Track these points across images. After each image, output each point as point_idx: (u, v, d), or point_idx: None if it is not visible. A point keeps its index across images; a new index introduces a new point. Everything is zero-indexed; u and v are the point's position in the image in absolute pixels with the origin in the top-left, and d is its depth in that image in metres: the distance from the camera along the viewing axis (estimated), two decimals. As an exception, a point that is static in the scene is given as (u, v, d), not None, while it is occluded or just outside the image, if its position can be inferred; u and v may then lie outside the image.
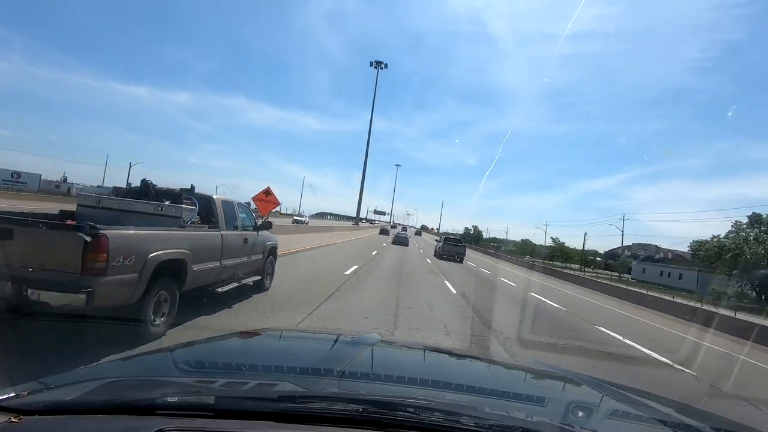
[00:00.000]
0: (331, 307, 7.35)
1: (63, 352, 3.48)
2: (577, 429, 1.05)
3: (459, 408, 1.08)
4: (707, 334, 11.18)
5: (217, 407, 0.92)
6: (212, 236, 5.57)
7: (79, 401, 0.92)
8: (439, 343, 5.96)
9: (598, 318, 11.79)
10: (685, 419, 1.47)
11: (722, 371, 7.34)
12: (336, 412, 0.95)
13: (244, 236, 6.51)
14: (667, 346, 8.97)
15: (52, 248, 3.55)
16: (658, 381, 5.87)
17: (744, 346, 10.34)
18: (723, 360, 8.62)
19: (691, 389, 5.80)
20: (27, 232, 3.55)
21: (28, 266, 3.46)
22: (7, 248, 3.43)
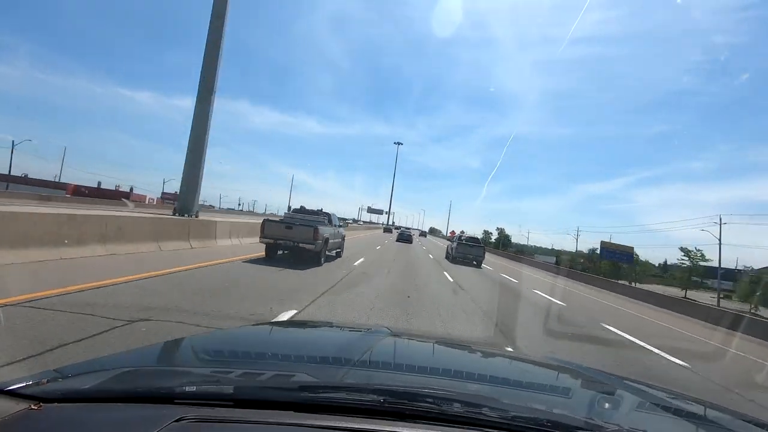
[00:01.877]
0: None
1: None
2: (601, 422, 1.03)
3: (480, 399, 1.07)
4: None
5: (237, 396, 0.92)
6: (331, 229, 13.58)
7: (97, 389, 0.93)
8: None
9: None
10: (711, 416, 1.46)
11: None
12: (356, 403, 0.94)
13: (337, 230, 14.63)
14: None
15: (303, 231, 11.59)
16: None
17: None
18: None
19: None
20: (295, 226, 11.68)
21: (297, 237, 11.53)
22: (290, 231, 11.57)
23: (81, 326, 4.01)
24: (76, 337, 3.71)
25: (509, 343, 6.35)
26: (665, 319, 14.56)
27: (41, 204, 22.80)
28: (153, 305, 5.18)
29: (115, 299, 5.22)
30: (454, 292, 11.38)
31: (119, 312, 4.64)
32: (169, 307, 5.25)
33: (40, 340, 3.51)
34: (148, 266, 7.71)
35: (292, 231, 11.55)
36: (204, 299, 6.03)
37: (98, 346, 3.56)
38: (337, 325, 3.30)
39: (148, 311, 4.88)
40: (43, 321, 4.01)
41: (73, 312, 4.39)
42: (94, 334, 3.84)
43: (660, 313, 16.33)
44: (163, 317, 4.77)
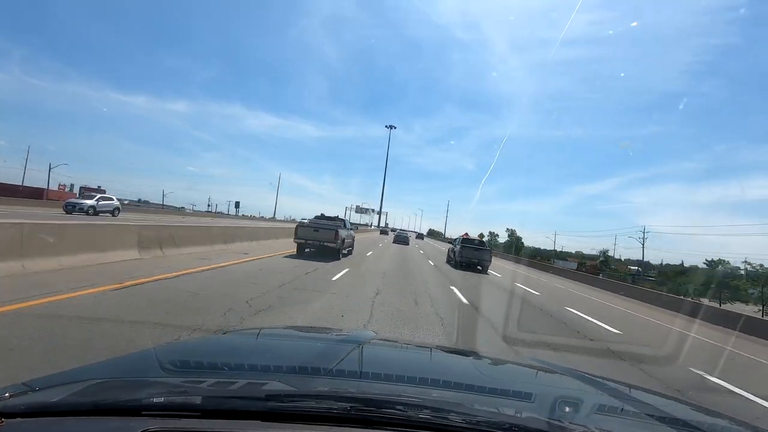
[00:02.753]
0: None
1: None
2: (566, 423, 1.05)
3: (447, 405, 1.08)
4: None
5: (204, 407, 0.91)
6: (346, 231, 17.32)
7: (63, 403, 0.91)
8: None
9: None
10: (672, 412, 1.49)
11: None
12: (324, 411, 0.94)
13: (350, 232, 18.44)
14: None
15: (327, 233, 15.33)
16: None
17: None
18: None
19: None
20: (320, 229, 15.45)
21: (322, 238, 15.27)
22: (317, 233, 15.32)
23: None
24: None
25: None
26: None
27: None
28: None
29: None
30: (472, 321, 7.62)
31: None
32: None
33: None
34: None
35: (318, 233, 15.31)
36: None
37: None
38: (318, 331, 3.19)
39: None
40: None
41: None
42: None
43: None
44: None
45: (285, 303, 6.91)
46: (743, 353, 9.21)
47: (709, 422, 1.45)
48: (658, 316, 13.92)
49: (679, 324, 12.33)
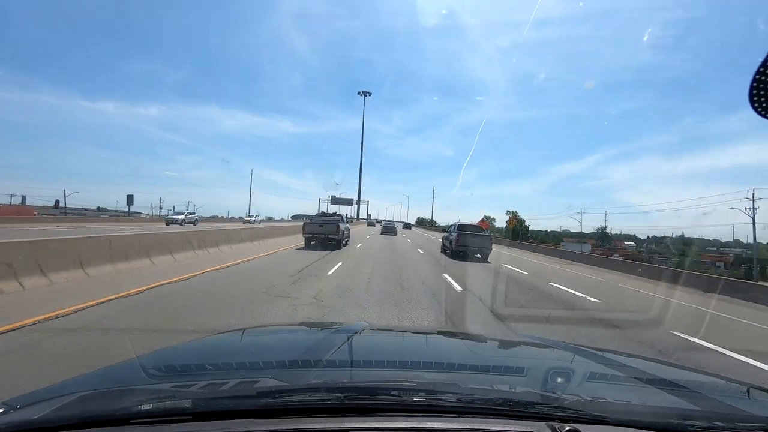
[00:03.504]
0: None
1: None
2: (558, 394, 1.06)
3: (441, 386, 1.09)
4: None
5: (194, 410, 0.90)
6: (344, 225, 20.74)
7: (48, 419, 0.89)
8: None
9: None
10: (658, 374, 1.54)
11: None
12: (317, 403, 0.95)
13: (347, 226, 21.84)
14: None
15: (330, 227, 18.72)
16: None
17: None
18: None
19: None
20: (324, 224, 18.88)
21: (326, 232, 18.68)
22: (321, 228, 18.71)
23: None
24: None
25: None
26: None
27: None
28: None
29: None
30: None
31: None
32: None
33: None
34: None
35: (322, 228, 18.66)
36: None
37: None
38: (313, 323, 3.21)
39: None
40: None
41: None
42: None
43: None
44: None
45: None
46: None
47: (693, 380, 1.50)
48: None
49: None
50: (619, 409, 1.03)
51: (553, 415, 0.94)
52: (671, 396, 1.31)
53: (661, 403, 1.20)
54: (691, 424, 0.96)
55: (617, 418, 0.95)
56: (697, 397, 1.30)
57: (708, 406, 1.21)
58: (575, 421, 0.92)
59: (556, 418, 0.92)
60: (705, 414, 1.09)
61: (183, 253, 11.94)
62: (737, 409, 1.19)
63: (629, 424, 0.94)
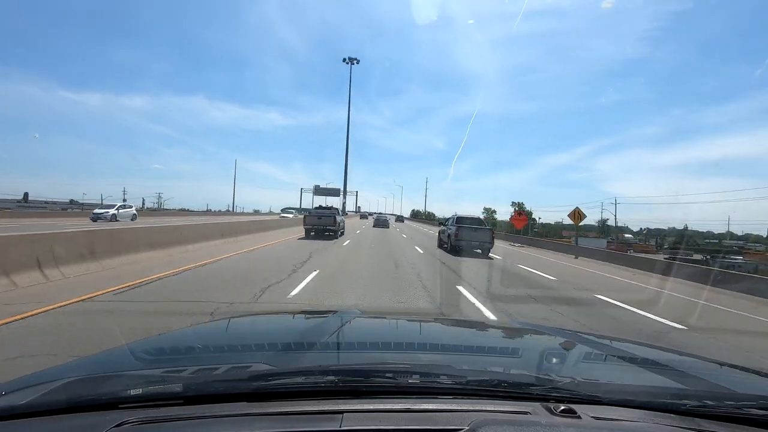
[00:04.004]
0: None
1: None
2: (553, 375, 1.07)
3: (436, 368, 1.09)
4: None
5: (185, 394, 0.90)
6: (340, 217, 22.59)
7: (35, 403, 0.89)
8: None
9: None
10: (651, 356, 1.58)
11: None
12: (311, 386, 0.94)
13: (342, 218, 23.81)
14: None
15: (327, 219, 20.68)
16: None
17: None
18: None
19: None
20: (323, 217, 20.82)
21: (324, 223, 20.55)
22: (320, 220, 20.64)
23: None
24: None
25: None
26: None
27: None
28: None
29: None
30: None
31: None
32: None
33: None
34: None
35: (321, 220, 20.51)
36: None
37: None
38: (305, 310, 3.29)
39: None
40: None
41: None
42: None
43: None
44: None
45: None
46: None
47: (684, 362, 1.54)
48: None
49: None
50: (614, 389, 1.04)
51: (548, 396, 0.94)
52: (663, 377, 1.33)
53: (653, 383, 1.23)
54: (683, 403, 0.95)
55: (611, 398, 0.95)
56: (688, 377, 1.32)
57: (698, 386, 1.22)
58: (570, 401, 0.92)
59: (551, 399, 0.92)
60: (696, 393, 1.10)
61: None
62: (725, 389, 1.20)
63: (623, 403, 0.94)
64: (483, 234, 17.29)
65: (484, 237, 17.22)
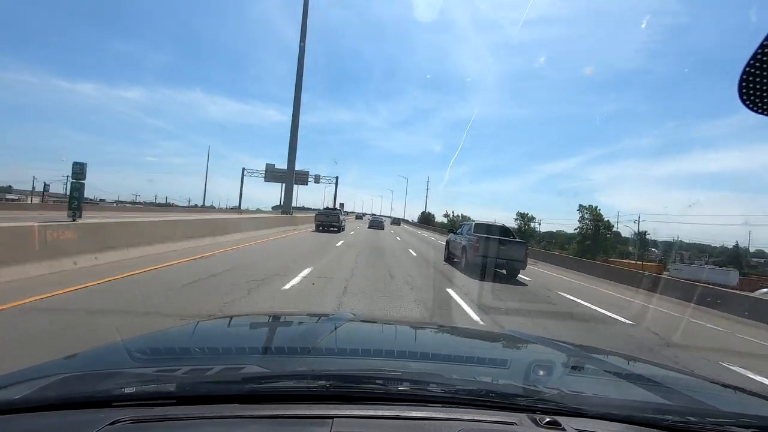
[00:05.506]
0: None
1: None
2: (540, 387, 1.08)
3: (426, 377, 1.12)
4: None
5: (178, 394, 0.91)
6: (342, 215, 29.17)
7: (26, 400, 0.89)
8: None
9: None
10: (636, 370, 1.61)
11: None
12: (302, 390, 0.96)
13: (344, 217, 30.33)
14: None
15: (333, 218, 26.94)
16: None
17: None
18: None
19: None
20: (330, 215, 27.29)
21: (330, 220, 26.71)
22: (328, 218, 26.88)
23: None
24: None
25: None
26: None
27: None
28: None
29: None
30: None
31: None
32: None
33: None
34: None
35: (328, 218, 26.54)
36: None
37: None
38: (298, 314, 3.33)
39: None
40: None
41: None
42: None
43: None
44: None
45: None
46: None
47: (668, 377, 1.57)
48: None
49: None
50: (598, 402, 1.06)
51: (534, 407, 0.95)
52: (647, 391, 1.36)
53: (638, 398, 1.25)
54: (665, 419, 0.97)
55: (596, 411, 0.96)
56: (672, 393, 1.35)
57: (682, 402, 1.25)
58: (555, 413, 0.93)
59: (537, 410, 0.94)
60: (679, 409, 1.12)
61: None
62: (708, 406, 1.22)
63: (607, 417, 0.95)
64: (514, 250, 12.65)
65: (514, 253, 12.59)
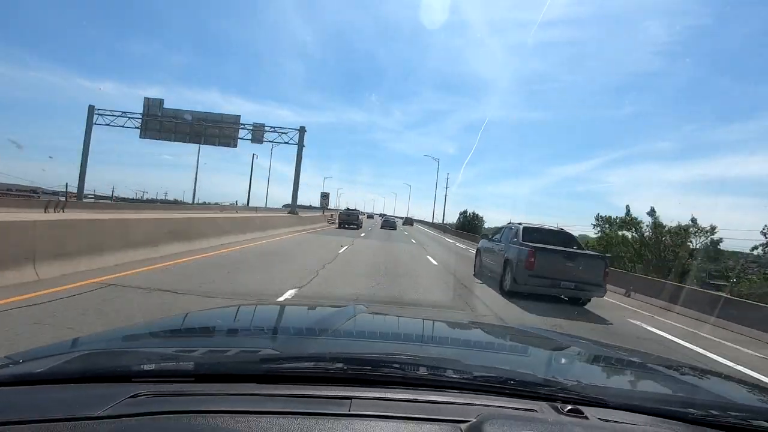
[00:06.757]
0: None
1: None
2: (562, 379, 1.06)
3: (442, 362, 1.11)
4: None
5: (197, 372, 0.93)
6: (361, 215, 35.54)
7: (49, 372, 0.92)
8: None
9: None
10: (658, 367, 1.58)
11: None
12: (319, 371, 0.96)
13: (362, 216, 36.85)
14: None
15: (354, 217, 33.01)
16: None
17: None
18: None
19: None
20: (351, 214, 33.34)
21: (351, 219, 32.86)
22: (349, 217, 33.04)
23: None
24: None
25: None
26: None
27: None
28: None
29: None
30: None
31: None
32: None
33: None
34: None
35: (350, 217, 32.27)
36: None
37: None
38: (314, 303, 3.47)
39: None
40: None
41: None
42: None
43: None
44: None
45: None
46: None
47: (690, 373, 1.58)
48: None
49: None
50: (621, 393, 1.06)
51: (554, 395, 0.94)
52: (670, 386, 1.35)
53: (659, 391, 1.25)
54: (689, 412, 0.96)
55: (618, 402, 0.95)
56: (694, 388, 1.36)
57: (705, 396, 1.23)
58: (577, 402, 0.92)
59: (558, 399, 0.93)
60: (702, 403, 1.10)
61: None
62: (731, 401, 1.21)
63: (630, 408, 0.94)
64: (587, 267, 8.55)
65: (588, 273, 8.50)
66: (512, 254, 8.81)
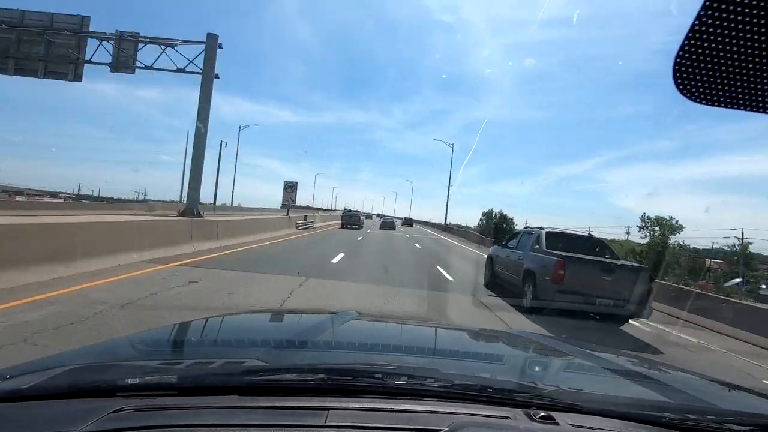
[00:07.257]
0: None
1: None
2: (537, 383, 1.09)
3: (423, 371, 1.13)
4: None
5: (180, 385, 0.94)
6: (362, 215, 35.89)
7: (36, 388, 0.92)
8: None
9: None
10: (634, 368, 1.61)
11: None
12: (300, 382, 0.97)
13: (363, 217, 37.10)
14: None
15: (356, 218, 33.35)
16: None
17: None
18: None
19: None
20: (353, 215, 33.75)
21: (353, 220, 33.01)
22: (351, 218, 33.37)
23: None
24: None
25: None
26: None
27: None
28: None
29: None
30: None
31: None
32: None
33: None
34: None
35: (352, 218, 32.55)
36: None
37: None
38: (303, 311, 3.44)
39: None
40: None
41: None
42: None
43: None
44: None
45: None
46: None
47: (666, 374, 1.59)
48: None
49: None
50: (595, 398, 1.06)
51: (529, 402, 0.95)
52: (645, 389, 1.36)
53: (635, 395, 1.25)
54: (663, 416, 0.96)
55: (591, 407, 0.97)
56: (670, 390, 1.36)
57: (680, 399, 1.24)
58: (550, 408, 0.94)
59: (533, 405, 0.94)
60: (677, 406, 1.11)
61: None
62: (707, 403, 1.22)
63: (603, 413, 0.95)
64: (628, 281, 7.04)
65: (629, 289, 6.97)
66: (534, 264, 7.37)
